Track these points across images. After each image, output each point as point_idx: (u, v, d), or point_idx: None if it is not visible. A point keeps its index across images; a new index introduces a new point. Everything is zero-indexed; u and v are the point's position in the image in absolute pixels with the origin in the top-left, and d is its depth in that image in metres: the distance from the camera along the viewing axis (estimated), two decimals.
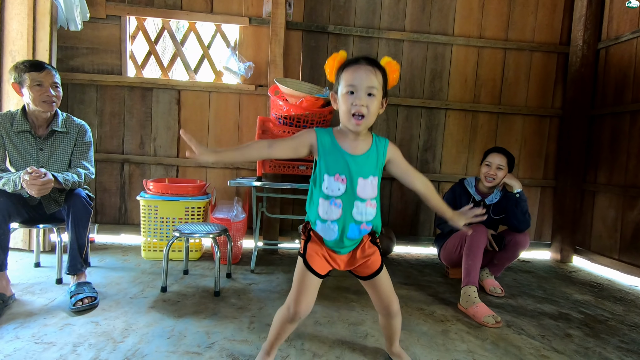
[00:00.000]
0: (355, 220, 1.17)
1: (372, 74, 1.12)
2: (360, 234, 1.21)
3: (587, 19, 3.01)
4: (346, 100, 1.13)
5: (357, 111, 1.11)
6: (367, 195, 1.17)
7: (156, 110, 2.96)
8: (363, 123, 1.13)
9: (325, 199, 1.17)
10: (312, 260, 1.22)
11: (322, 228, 1.20)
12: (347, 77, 1.13)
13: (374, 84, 1.12)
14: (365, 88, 1.11)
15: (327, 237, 1.20)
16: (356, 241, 1.24)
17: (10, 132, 1.82)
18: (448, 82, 3.14)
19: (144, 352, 1.38)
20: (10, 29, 2.38)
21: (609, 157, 2.90)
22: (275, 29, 2.82)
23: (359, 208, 1.17)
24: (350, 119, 1.13)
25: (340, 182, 1.15)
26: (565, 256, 3.13)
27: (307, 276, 1.21)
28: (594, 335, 1.76)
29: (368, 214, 1.18)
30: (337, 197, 1.16)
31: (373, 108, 1.13)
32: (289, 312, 1.21)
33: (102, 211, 2.97)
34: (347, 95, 1.13)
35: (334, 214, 1.17)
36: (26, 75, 1.76)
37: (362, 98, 1.11)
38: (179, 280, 2.13)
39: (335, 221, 1.17)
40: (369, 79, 1.11)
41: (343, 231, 1.18)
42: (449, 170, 3.20)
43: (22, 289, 1.87)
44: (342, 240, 1.19)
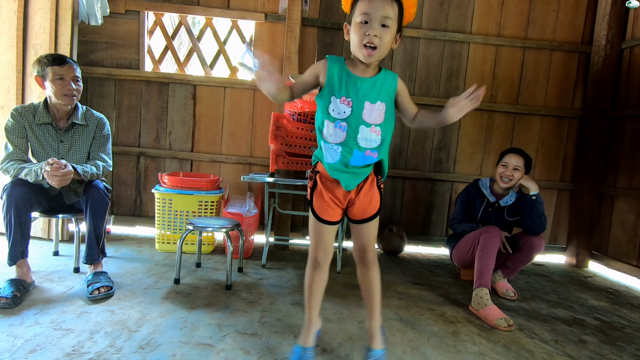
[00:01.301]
0: (359, 146, 1.17)
1: (387, 4, 1.09)
2: (365, 160, 1.19)
3: (611, 17, 2.92)
4: (359, 30, 1.10)
5: (369, 41, 1.09)
6: (372, 120, 1.16)
7: (172, 104, 3.00)
8: (375, 54, 1.10)
9: (331, 122, 1.17)
10: (320, 210, 1.24)
11: (325, 149, 1.20)
12: (361, 6, 1.10)
13: (389, 14, 1.09)
14: (379, 18, 1.08)
15: (330, 159, 1.19)
16: (362, 171, 1.21)
17: (33, 124, 1.87)
18: (464, 81, 3.10)
19: (158, 342, 1.41)
20: (33, 23, 2.44)
21: (630, 161, 2.82)
22: (291, 25, 2.82)
23: (363, 133, 1.16)
24: (362, 49, 1.10)
25: (345, 104, 1.15)
26: (581, 261, 3.07)
27: (318, 226, 1.25)
28: (610, 343, 1.72)
29: (372, 140, 1.17)
30: (342, 119, 1.15)
31: (386, 40, 1.10)
32: (311, 262, 1.27)
33: (118, 203, 3.04)
34: (360, 25, 1.10)
35: (339, 137, 1.16)
36: (49, 69, 1.80)
37: (375, 28, 1.08)
38: (192, 273, 2.17)
39: (339, 144, 1.17)
40: (384, 9, 1.08)
41: (346, 156, 1.17)
42: (463, 170, 3.16)
43: (41, 277, 1.93)
44: (346, 166, 1.18)
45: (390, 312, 1.84)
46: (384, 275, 2.41)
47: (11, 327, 1.43)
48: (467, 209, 2.35)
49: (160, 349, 1.37)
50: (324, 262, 1.26)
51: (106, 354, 1.31)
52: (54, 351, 1.30)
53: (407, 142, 3.12)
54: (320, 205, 1.25)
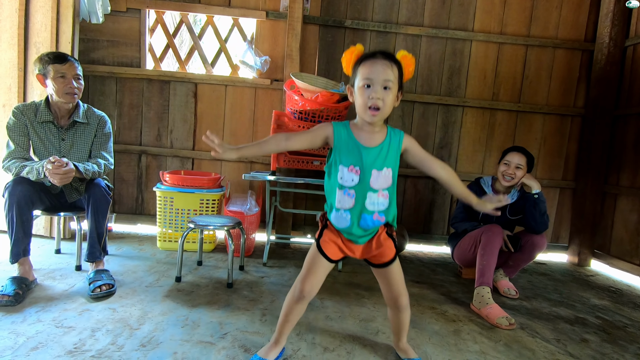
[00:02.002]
0: (367, 210, 1.21)
1: (388, 67, 1.15)
2: (373, 223, 1.23)
3: (614, 15, 2.90)
4: (363, 94, 1.16)
5: (374, 104, 1.14)
6: (379, 186, 1.21)
7: (173, 103, 3.00)
8: (379, 115, 1.16)
9: (340, 189, 1.21)
10: (325, 245, 1.27)
11: (335, 216, 1.24)
12: (363, 71, 1.16)
13: (390, 77, 1.15)
14: (381, 81, 1.14)
15: (340, 225, 1.24)
16: (371, 231, 1.26)
17: (34, 122, 1.87)
18: (466, 78, 3.09)
19: (159, 340, 1.41)
20: (34, 21, 2.44)
21: (633, 159, 2.80)
22: (292, 23, 2.82)
23: (371, 198, 1.20)
24: (367, 111, 1.16)
25: (354, 173, 1.19)
26: (583, 259, 3.06)
27: (317, 258, 1.27)
28: (612, 341, 1.72)
29: (380, 204, 1.22)
30: (350, 187, 1.20)
31: (389, 101, 1.16)
32: (295, 292, 1.28)
33: (119, 201, 3.04)
34: (363, 89, 1.16)
35: (347, 204, 1.21)
36: (50, 67, 1.80)
37: (378, 91, 1.14)
38: (193, 271, 2.17)
39: (348, 210, 1.21)
40: (385, 73, 1.14)
41: (356, 220, 1.22)
42: (465, 169, 3.15)
43: (43, 274, 1.94)
44: (356, 230, 1.23)
45: None
46: None
47: (13, 325, 1.43)
48: (469, 208, 2.34)
49: (161, 346, 1.37)
50: (308, 297, 1.27)
51: (108, 351, 1.31)
52: (55, 349, 1.30)
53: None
54: (326, 242, 1.27)
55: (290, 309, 1.30)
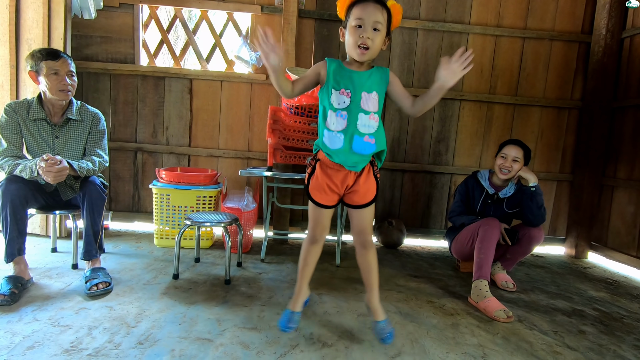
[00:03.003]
0: (359, 131, 1.30)
1: (378, 10, 1.25)
2: (364, 146, 1.31)
3: (611, 6, 2.89)
4: (353, 33, 1.26)
5: (363, 43, 1.25)
6: (370, 108, 1.31)
7: (168, 99, 2.98)
8: (367, 54, 1.27)
9: (333, 111, 1.31)
10: (316, 195, 1.39)
11: (328, 137, 1.32)
12: (356, 12, 1.26)
13: (380, 19, 1.25)
14: (372, 22, 1.24)
15: (333, 145, 1.31)
16: (364, 158, 1.34)
17: (27, 120, 1.85)
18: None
19: (157, 337, 1.40)
20: (26, 17, 2.40)
21: (631, 151, 2.80)
22: (288, 17, 2.79)
23: (362, 120, 1.30)
24: (356, 49, 1.26)
25: (345, 95, 1.30)
26: (580, 252, 3.07)
27: (316, 210, 1.40)
28: (609, 333, 1.72)
29: (371, 126, 1.31)
30: (342, 109, 1.30)
31: (377, 42, 1.27)
32: (309, 238, 1.43)
33: (115, 199, 3.03)
34: (355, 28, 1.26)
35: (340, 125, 1.30)
36: (43, 64, 1.78)
37: (368, 31, 1.24)
38: (191, 268, 2.16)
39: (341, 131, 1.30)
40: (375, 15, 1.24)
41: (349, 141, 1.30)
42: (462, 163, 3.14)
43: (39, 273, 1.92)
44: (347, 152, 1.31)
45: (389, 305, 1.84)
46: (383, 268, 2.41)
47: (9, 324, 1.42)
48: (466, 201, 2.34)
49: (159, 344, 1.36)
50: (321, 238, 1.43)
51: (105, 349, 1.30)
52: (52, 347, 1.29)
53: (405, 135, 3.10)
54: (316, 191, 1.39)
55: (308, 252, 1.44)
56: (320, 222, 1.41)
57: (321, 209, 1.40)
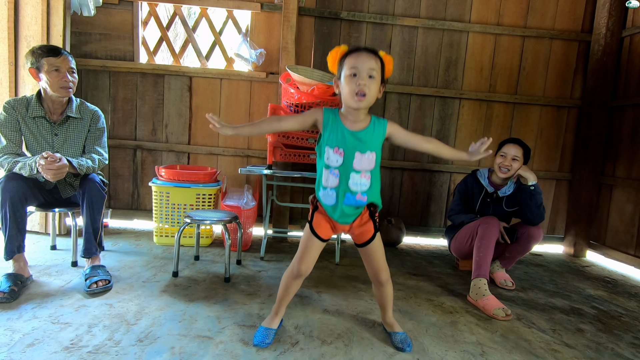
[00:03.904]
0: (350, 190, 1.31)
1: (372, 59, 1.26)
2: (356, 203, 1.33)
3: (611, 5, 2.89)
4: (349, 82, 1.26)
5: (360, 90, 1.24)
6: (362, 168, 1.31)
7: (168, 97, 2.97)
8: (365, 101, 1.26)
9: (326, 169, 1.33)
10: (317, 227, 1.38)
11: (323, 194, 1.35)
12: (350, 62, 1.26)
13: (374, 66, 1.26)
14: (367, 70, 1.24)
15: (327, 202, 1.34)
16: (355, 212, 1.36)
17: (26, 117, 1.84)
18: (463, 70, 3.07)
19: (157, 335, 1.41)
20: (24, 14, 2.39)
21: (630, 150, 2.81)
22: (288, 15, 2.78)
23: (354, 179, 1.30)
24: (353, 97, 1.25)
25: (338, 154, 1.30)
26: (578, 250, 3.08)
27: (311, 240, 1.38)
28: (607, 331, 1.73)
29: (362, 184, 1.32)
30: (335, 167, 1.31)
31: (373, 89, 1.27)
32: (293, 270, 1.40)
33: (115, 196, 3.02)
34: (350, 77, 1.26)
35: (332, 182, 1.32)
36: (44, 60, 1.77)
37: (364, 78, 1.24)
38: (190, 266, 2.16)
39: (334, 189, 1.32)
40: (369, 63, 1.25)
41: (341, 198, 1.31)
42: (462, 161, 3.15)
43: (39, 271, 1.92)
44: (340, 208, 1.32)
45: None
46: None
47: (9, 322, 1.43)
48: (466, 200, 2.35)
49: (158, 341, 1.37)
50: (305, 274, 1.40)
51: (105, 347, 1.31)
52: (52, 345, 1.30)
53: None
54: (317, 223, 1.39)
55: (289, 285, 1.43)
56: (310, 254, 1.38)
57: (315, 240, 1.38)
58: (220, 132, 1.31)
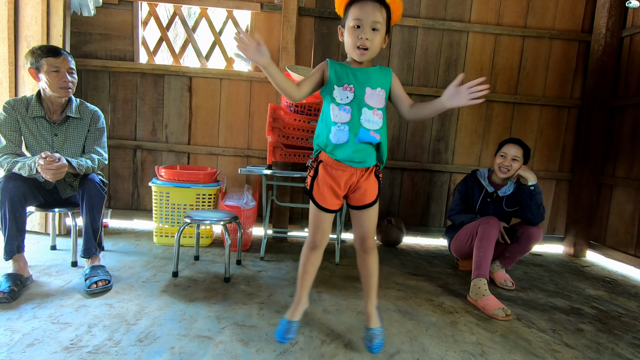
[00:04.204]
0: (363, 126, 1.27)
1: (377, 10, 1.21)
2: (370, 139, 1.27)
3: (611, 5, 2.89)
4: (352, 34, 1.23)
5: (362, 44, 1.22)
6: (374, 104, 1.28)
7: (168, 97, 2.97)
8: (367, 54, 1.25)
9: (336, 105, 1.27)
10: (320, 199, 1.34)
11: (333, 132, 1.27)
12: (354, 12, 1.22)
13: (379, 19, 1.21)
14: (370, 23, 1.21)
15: (338, 140, 1.27)
16: (367, 151, 1.29)
17: (26, 117, 1.84)
18: (463, 70, 3.07)
19: (156, 335, 1.41)
20: (24, 14, 2.39)
21: (630, 150, 2.81)
22: (287, 15, 2.78)
23: (366, 115, 1.27)
24: (355, 50, 1.24)
25: (348, 90, 1.26)
26: (578, 250, 3.08)
27: (318, 214, 1.35)
28: (607, 331, 1.73)
29: (375, 122, 1.28)
30: (345, 104, 1.27)
31: (376, 42, 1.24)
32: (309, 243, 1.38)
33: (115, 196, 3.02)
34: (353, 29, 1.23)
35: (344, 118, 1.26)
36: (43, 61, 1.77)
37: (367, 32, 1.21)
38: (190, 266, 2.16)
39: (346, 123, 1.26)
40: (374, 15, 1.20)
41: (354, 134, 1.26)
42: (462, 161, 3.15)
43: (39, 271, 1.92)
44: (353, 142, 1.26)
45: (388, 302, 1.85)
46: (382, 267, 2.41)
47: (9, 322, 1.43)
48: (466, 200, 2.35)
49: (158, 341, 1.37)
50: (321, 245, 1.37)
51: (104, 347, 1.31)
52: (52, 345, 1.30)
53: (405, 133, 3.10)
54: (320, 194, 1.34)
55: (307, 258, 1.39)
56: (321, 226, 1.35)
57: (324, 213, 1.35)
58: (255, 52, 1.14)
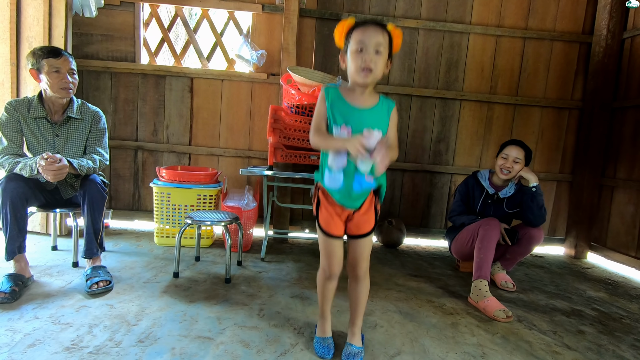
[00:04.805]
0: (359, 170, 1.26)
1: (379, 33, 1.22)
2: (364, 184, 1.27)
3: (612, 7, 2.89)
4: (356, 57, 1.22)
5: (366, 66, 1.21)
6: (371, 147, 1.24)
7: (169, 97, 2.97)
8: (371, 76, 1.22)
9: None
10: (327, 225, 1.32)
11: (328, 178, 1.29)
12: (356, 36, 1.22)
13: (381, 41, 1.21)
14: (373, 45, 1.20)
15: (332, 185, 1.28)
16: (362, 195, 1.31)
17: (28, 118, 1.84)
18: (464, 72, 3.07)
19: (157, 335, 1.41)
20: (26, 15, 2.40)
21: (630, 152, 2.81)
22: (289, 16, 2.79)
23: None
24: (360, 73, 1.22)
25: (345, 132, 1.24)
26: (579, 252, 3.07)
27: (327, 241, 1.33)
28: (608, 333, 1.73)
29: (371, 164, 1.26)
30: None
31: (380, 64, 1.23)
32: (325, 274, 1.37)
33: (116, 197, 3.03)
34: (357, 53, 1.22)
35: (340, 163, 1.25)
36: (44, 62, 1.77)
37: (370, 53, 1.21)
38: (191, 267, 2.16)
39: (341, 170, 1.26)
40: (376, 37, 1.21)
41: (349, 181, 1.26)
42: (463, 163, 3.15)
43: (40, 271, 1.93)
44: (347, 191, 1.27)
45: (389, 304, 1.84)
46: (383, 268, 2.41)
47: (10, 322, 1.43)
48: (466, 201, 2.35)
49: (159, 342, 1.37)
50: (336, 273, 1.36)
51: (105, 347, 1.31)
52: (53, 345, 1.30)
53: (406, 135, 3.11)
54: (325, 220, 1.33)
55: (325, 288, 1.39)
56: (333, 254, 1.33)
57: (332, 241, 1.33)
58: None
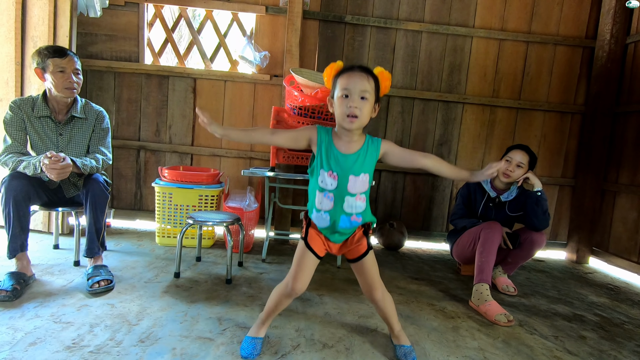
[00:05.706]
0: (345, 212, 1.28)
1: (365, 79, 1.22)
2: (351, 224, 1.31)
3: (616, 12, 2.89)
4: (341, 103, 1.23)
5: (351, 112, 1.21)
6: (357, 191, 1.28)
7: (172, 98, 2.98)
8: (356, 122, 1.23)
9: (320, 191, 1.29)
10: (312, 241, 1.33)
11: (316, 217, 1.31)
12: (342, 82, 1.24)
13: (367, 88, 1.22)
14: (358, 91, 1.21)
15: (320, 224, 1.32)
16: (349, 232, 1.33)
17: (32, 117, 1.85)
18: (467, 75, 3.07)
19: (158, 335, 1.41)
20: (32, 14, 2.41)
21: (633, 157, 2.80)
22: (292, 18, 2.79)
23: (349, 202, 1.28)
24: (345, 119, 1.23)
25: (332, 178, 1.26)
26: (581, 257, 3.06)
27: (306, 255, 1.32)
28: (609, 339, 1.72)
29: (357, 207, 1.29)
30: (329, 190, 1.27)
31: (365, 110, 1.23)
32: (287, 288, 1.32)
33: (118, 196, 3.03)
34: (342, 99, 1.23)
35: (327, 205, 1.28)
36: (49, 61, 1.78)
37: (355, 100, 1.21)
38: (192, 267, 2.16)
39: (327, 212, 1.29)
40: (362, 84, 1.21)
41: (334, 221, 1.29)
42: (465, 166, 3.14)
43: (41, 270, 1.93)
44: (334, 230, 1.30)
45: None
46: (384, 270, 2.41)
47: (11, 320, 1.43)
48: (468, 204, 2.34)
49: (160, 342, 1.37)
50: (298, 293, 1.31)
51: (106, 347, 1.31)
52: (54, 344, 1.30)
53: (408, 138, 3.11)
54: (312, 238, 1.34)
55: (280, 302, 1.36)
56: (304, 270, 1.30)
57: (310, 255, 1.31)
58: (208, 129, 1.24)
